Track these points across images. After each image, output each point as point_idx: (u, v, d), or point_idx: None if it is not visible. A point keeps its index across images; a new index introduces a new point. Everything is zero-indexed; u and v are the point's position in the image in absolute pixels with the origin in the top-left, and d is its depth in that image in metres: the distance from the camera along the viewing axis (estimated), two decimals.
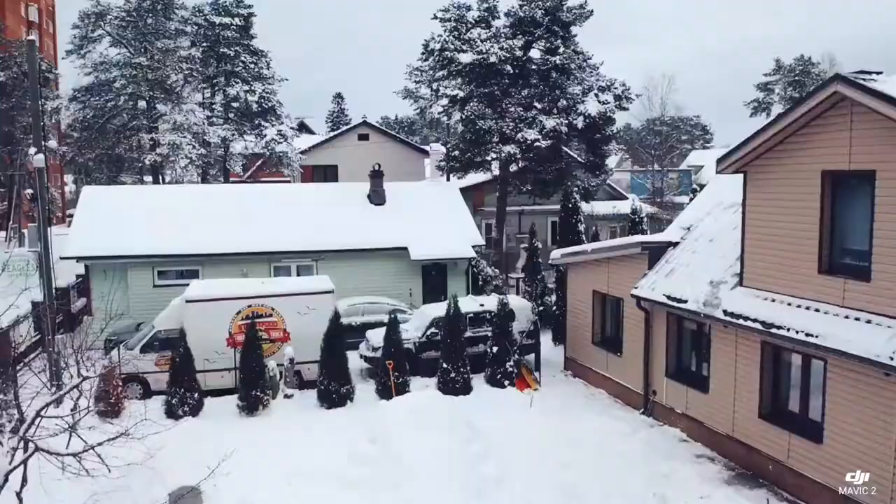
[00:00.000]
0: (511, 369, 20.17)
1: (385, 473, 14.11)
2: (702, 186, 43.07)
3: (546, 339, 24.29)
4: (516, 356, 20.42)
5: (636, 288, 17.65)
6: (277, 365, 19.49)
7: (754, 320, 13.70)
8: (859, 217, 12.35)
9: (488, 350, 20.48)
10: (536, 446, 15.98)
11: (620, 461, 15.22)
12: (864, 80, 11.80)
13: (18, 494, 11.30)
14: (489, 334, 20.82)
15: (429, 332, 21.32)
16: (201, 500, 12.82)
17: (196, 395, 18.18)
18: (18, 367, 15.20)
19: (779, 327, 13.10)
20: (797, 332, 12.66)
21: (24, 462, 10.41)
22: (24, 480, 11.37)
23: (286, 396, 19.26)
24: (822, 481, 12.86)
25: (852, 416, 12.20)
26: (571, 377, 21.75)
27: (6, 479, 9.84)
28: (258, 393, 18.26)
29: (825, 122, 12.73)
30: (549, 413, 18.05)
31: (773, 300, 13.71)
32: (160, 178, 45.08)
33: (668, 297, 16.38)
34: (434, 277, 27.98)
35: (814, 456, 13.04)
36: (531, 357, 21.70)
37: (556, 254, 22.36)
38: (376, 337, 21.00)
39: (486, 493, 13.75)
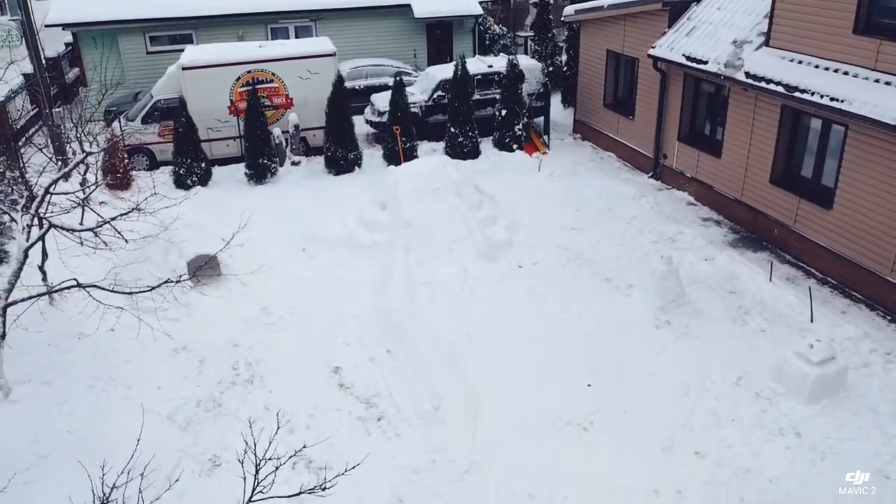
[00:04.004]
0: (520, 133, 19.83)
1: (396, 236, 14.43)
2: None
3: (556, 101, 23.75)
4: (525, 119, 19.99)
5: (654, 48, 16.77)
6: (282, 132, 19.26)
7: (777, 83, 13.07)
8: None
9: (497, 113, 20.00)
10: (544, 209, 16.20)
11: (627, 223, 15.48)
12: None
13: (41, 268, 11.65)
14: (497, 97, 20.22)
15: (435, 96, 20.73)
16: (219, 267, 13.15)
17: (203, 164, 18.09)
18: (20, 143, 14.96)
19: (803, 91, 12.50)
20: (822, 97, 12.11)
21: (42, 238, 10.55)
22: (45, 254, 11.66)
23: (293, 164, 19.23)
24: (826, 245, 13.06)
25: (867, 183, 12.05)
26: (580, 140, 21.50)
27: (26, 255, 10.04)
28: (265, 161, 18.19)
29: None
30: (557, 176, 18.08)
31: (800, 62, 12.98)
32: None
33: (687, 58, 15.60)
34: (439, 37, 26.72)
35: (821, 221, 13.12)
36: (540, 120, 21.29)
37: (568, 10, 21.02)
38: (381, 101, 20.48)
39: (496, 254, 14.14)
